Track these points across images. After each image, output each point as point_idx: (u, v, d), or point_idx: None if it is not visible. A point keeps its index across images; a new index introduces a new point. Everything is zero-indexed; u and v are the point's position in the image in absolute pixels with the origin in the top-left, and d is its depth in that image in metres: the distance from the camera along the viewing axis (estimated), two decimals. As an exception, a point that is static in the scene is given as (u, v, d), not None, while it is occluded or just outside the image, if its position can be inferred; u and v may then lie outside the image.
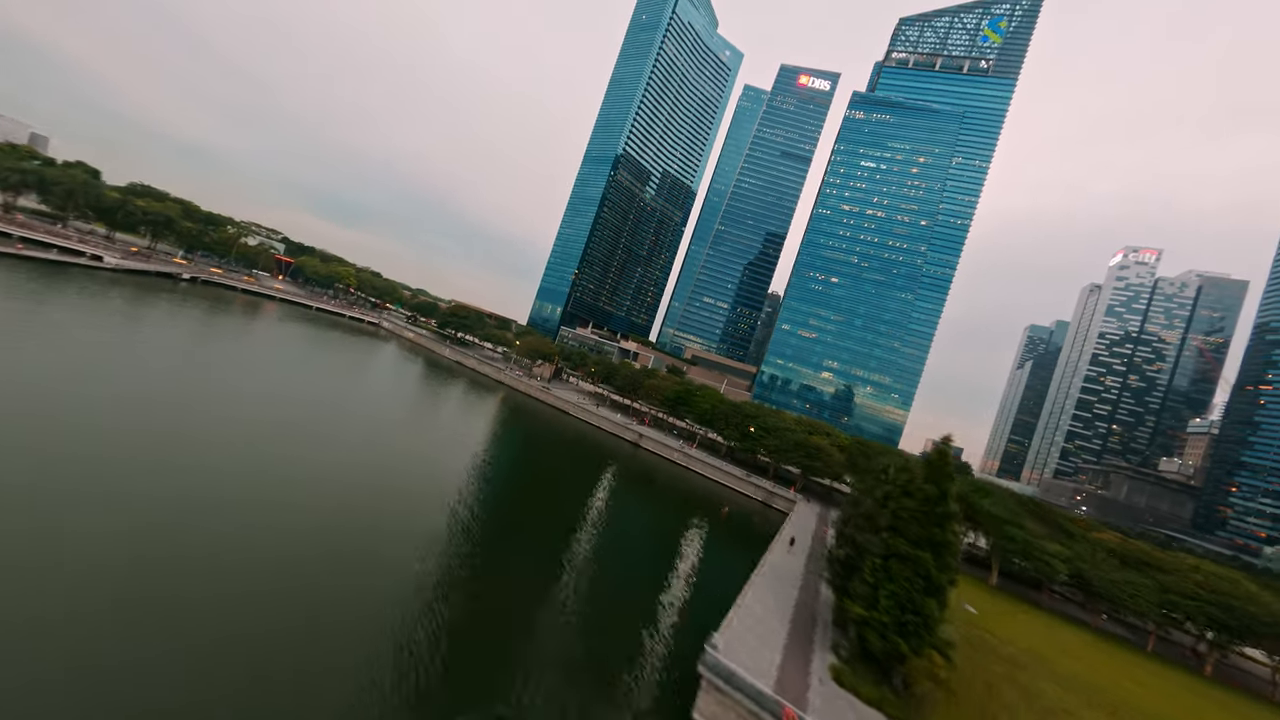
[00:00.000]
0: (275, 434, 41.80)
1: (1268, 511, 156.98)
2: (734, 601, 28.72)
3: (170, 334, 65.26)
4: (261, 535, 26.53)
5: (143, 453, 31.38)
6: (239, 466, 33.50)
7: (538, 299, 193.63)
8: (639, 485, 67.74)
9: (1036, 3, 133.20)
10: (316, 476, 36.11)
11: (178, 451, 32.84)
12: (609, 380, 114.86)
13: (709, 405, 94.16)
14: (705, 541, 52.20)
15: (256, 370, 60.48)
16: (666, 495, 65.93)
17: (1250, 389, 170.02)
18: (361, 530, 30.66)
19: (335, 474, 37.47)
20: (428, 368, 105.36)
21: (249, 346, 72.27)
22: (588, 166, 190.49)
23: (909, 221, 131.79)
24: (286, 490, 32.57)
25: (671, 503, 63.95)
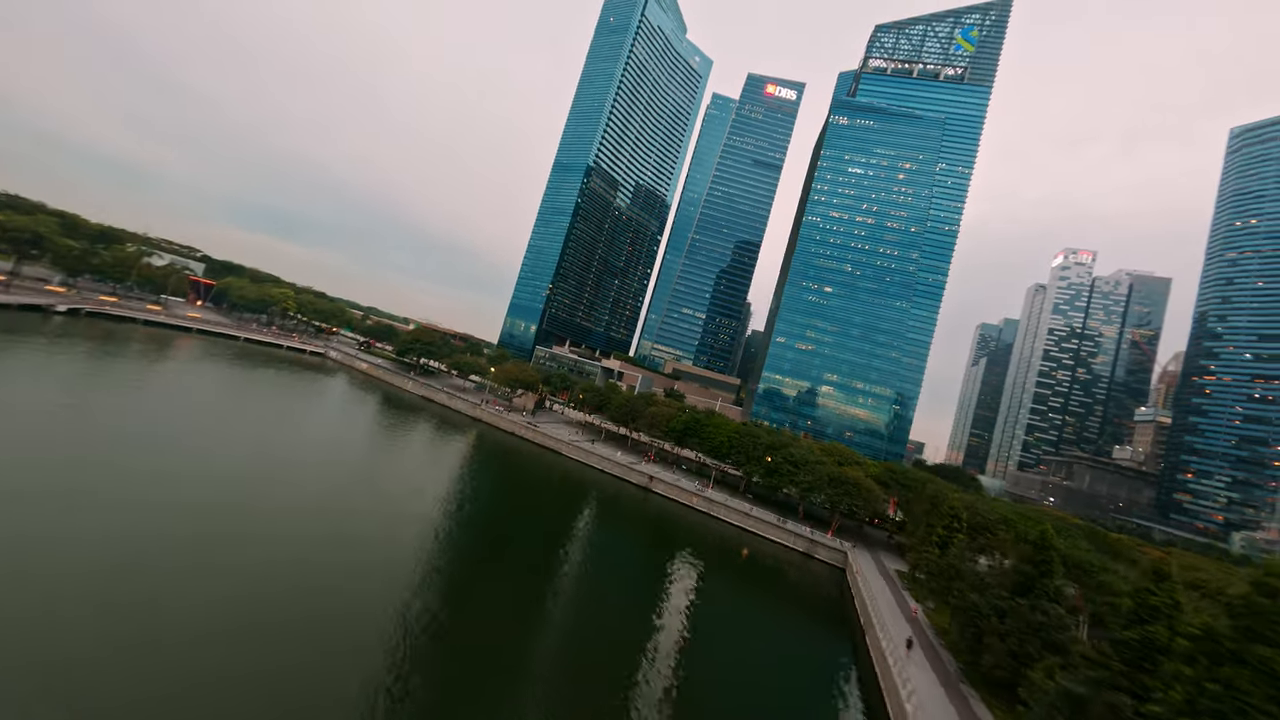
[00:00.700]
0: (158, 538, 27.13)
1: (1224, 496, 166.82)
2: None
3: (19, 391, 47.08)
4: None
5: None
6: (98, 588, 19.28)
7: (509, 316, 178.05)
8: (660, 545, 56.22)
9: (1004, 13, 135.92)
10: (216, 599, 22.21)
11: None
12: (602, 409, 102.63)
13: (724, 436, 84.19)
14: (753, 620, 41.50)
15: (147, 433, 43.97)
16: (694, 555, 54.78)
17: (1196, 379, 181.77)
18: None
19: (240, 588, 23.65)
20: (386, 407, 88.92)
21: (142, 401, 54.62)
22: (558, 175, 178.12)
23: (899, 228, 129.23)
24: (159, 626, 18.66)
25: (707, 566, 52.77)
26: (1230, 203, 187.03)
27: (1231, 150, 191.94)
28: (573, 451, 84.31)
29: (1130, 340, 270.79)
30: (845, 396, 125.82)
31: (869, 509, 69.72)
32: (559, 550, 46.49)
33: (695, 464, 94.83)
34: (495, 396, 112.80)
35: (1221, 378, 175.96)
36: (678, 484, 76.05)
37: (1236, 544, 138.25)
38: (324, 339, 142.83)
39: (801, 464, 74.94)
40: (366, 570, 31.72)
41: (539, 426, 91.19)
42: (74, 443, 39.18)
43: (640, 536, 59.53)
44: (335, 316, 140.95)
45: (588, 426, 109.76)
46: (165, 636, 21.24)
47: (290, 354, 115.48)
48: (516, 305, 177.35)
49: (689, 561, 53.40)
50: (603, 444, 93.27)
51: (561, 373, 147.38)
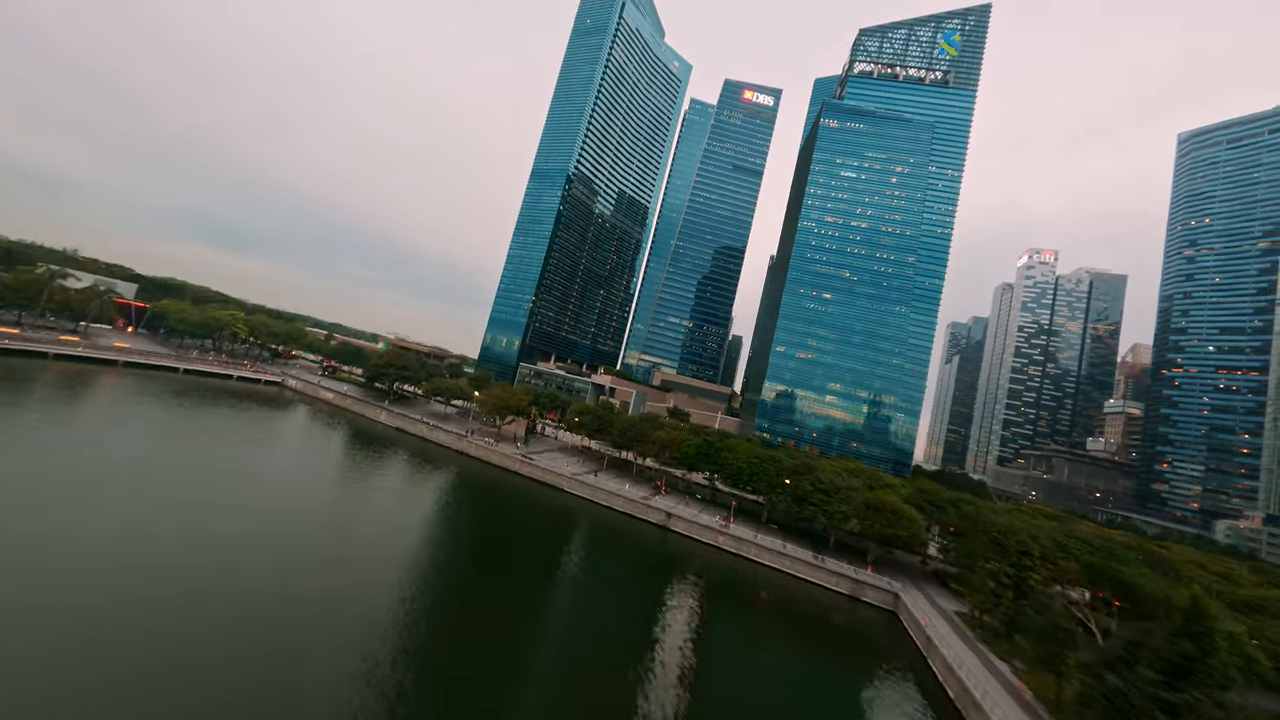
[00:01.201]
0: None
1: (1198, 485, 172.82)
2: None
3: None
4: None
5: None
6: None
7: (489, 330, 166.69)
8: (687, 595, 48.19)
9: (984, 18, 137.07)
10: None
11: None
12: (602, 432, 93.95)
13: (744, 463, 77.16)
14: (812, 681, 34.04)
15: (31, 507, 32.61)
16: (729, 607, 47.00)
17: (1165, 373, 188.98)
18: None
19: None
20: (357, 444, 77.57)
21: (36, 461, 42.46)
22: (537, 183, 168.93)
23: (895, 232, 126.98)
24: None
25: (745, 618, 45.02)
26: (1184, 203, 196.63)
27: (1181, 154, 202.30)
28: (576, 487, 75.26)
29: (1094, 335, 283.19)
30: (850, 406, 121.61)
31: (912, 539, 63.86)
32: (571, 611, 38.03)
33: (707, 488, 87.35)
34: (482, 424, 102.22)
35: (1188, 370, 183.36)
36: (698, 520, 68.23)
37: (1222, 533, 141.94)
38: (281, 365, 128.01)
39: (833, 491, 68.62)
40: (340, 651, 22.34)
41: (534, 459, 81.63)
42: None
43: (663, 587, 51.33)
44: (293, 339, 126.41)
45: (585, 452, 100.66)
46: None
47: (241, 385, 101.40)
48: (497, 319, 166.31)
49: (726, 615, 45.71)
50: (606, 474, 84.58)
51: (550, 391, 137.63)
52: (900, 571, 67.39)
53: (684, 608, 46.44)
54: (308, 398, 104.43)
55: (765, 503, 75.37)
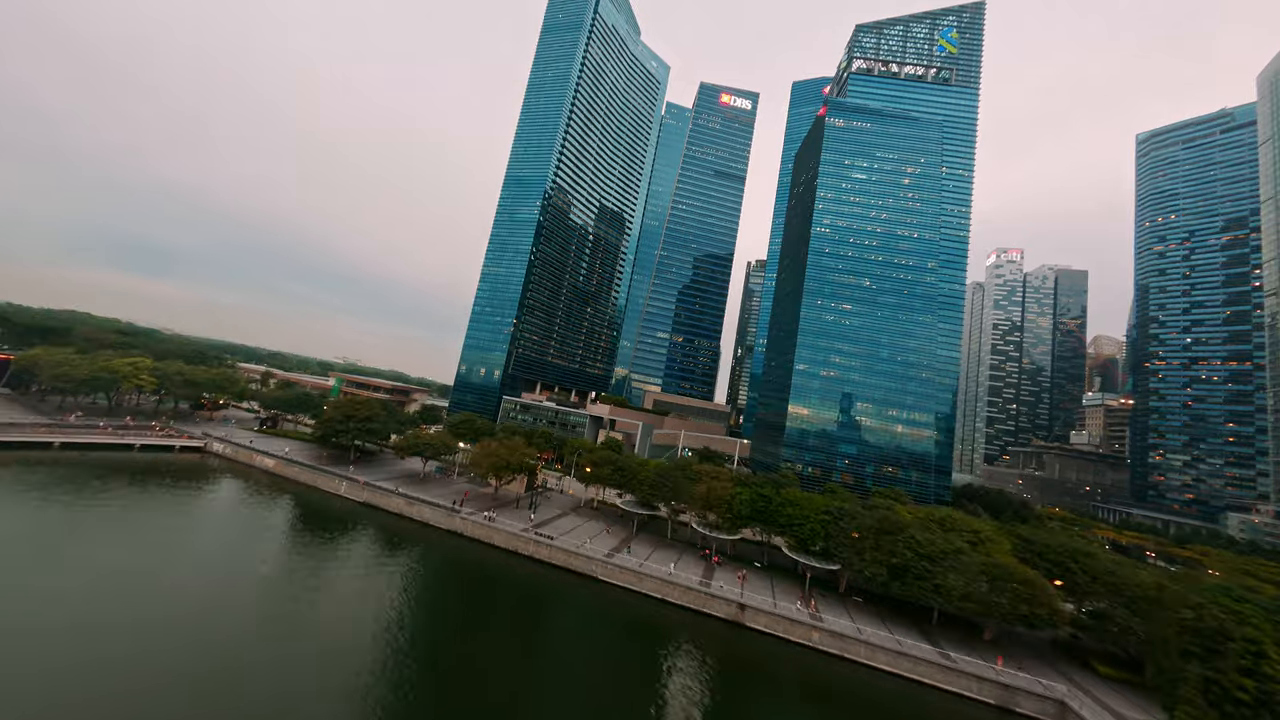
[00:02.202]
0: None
1: (1193, 476, 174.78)
2: None
3: None
4: None
5: None
6: None
7: (465, 359, 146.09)
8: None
9: (979, 15, 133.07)
10: None
11: None
12: (625, 485, 77.45)
13: (814, 521, 62.76)
14: None
15: None
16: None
17: (1148, 365, 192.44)
18: None
19: None
20: (306, 533, 57.56)
21: None
22: (513, 192, 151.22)
23: (914, 236, 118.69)
24: None
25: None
26: (1150, 201, 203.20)
27: (1141, 155, 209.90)
28: (614, 574, 58.29)
29: (1064, 329, 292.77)
30: (882, 427, 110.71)
31: (1053, 616, 51.05)
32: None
33: (759, 542, 72.20)
34: (469, 483, 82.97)
35: (1170, 362, 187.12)
36: (779, 612, 52.93)
37: (1236, 528, 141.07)
38: (206, 421, 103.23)
39: (937, 556, 55.25)
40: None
41: (553, 537, 63.95)
42: None
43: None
44: (221, 387, 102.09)
45: (600, 509, 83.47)
46: None
47: (146, 458, 77.70)
48: (474, 345, 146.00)
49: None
50: (639, 542, 68.01)
51: (543, 430, 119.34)
52: (1025, 649, 54.64)
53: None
54: (240, 466, 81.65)
55: (844, 570, 61.16)
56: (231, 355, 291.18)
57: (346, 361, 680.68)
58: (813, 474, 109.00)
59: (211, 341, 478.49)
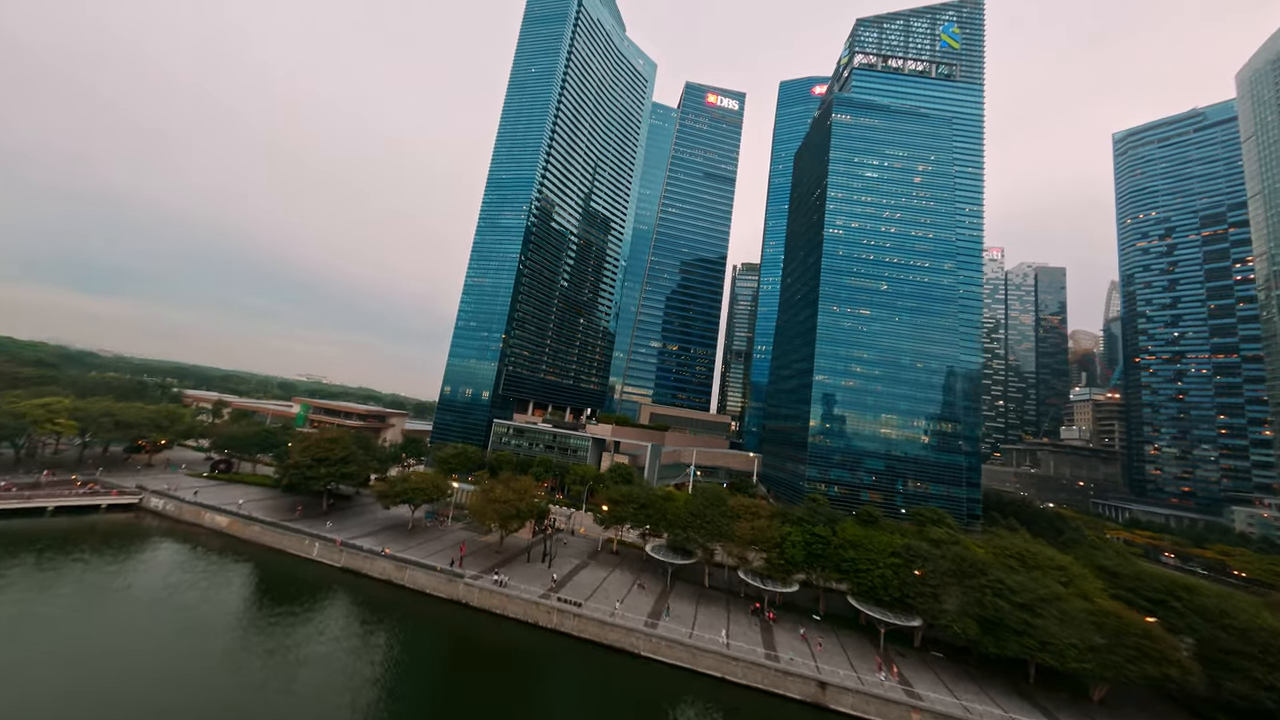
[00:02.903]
0: None
1: (1192, 469, 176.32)
2: None
3: None
4: None
5: None
6: None
7: (449, 379, 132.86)
8: None
9: (978, 10, 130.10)
10: None
11: None
12: (651, 524, 67.33)
13: (884, 565, 54.00)
14: None
15: None
16: None
17: (1139, 360, 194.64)
18: None
19: None
20: (266, 619, 44.83)
21: None
22: (496, 195, 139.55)
23: (929, 236, 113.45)
24: None
25: None
26: (1129, 198, 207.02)
27: (1118, 153, 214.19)
28: (661, 649, 47.91)
29: (1046, 325, 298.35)
30: (909, 440, 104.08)
31: (1177, 672, 43.47)
32: None
33: (807, 583, 62.87)
34: (470, 528, 71.03)
35: (1159, 356, 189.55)
36: (869, 690, 43.67)
37: (1243, 521, 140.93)
38: (145, 469, 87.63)
39: (1034, 604, 47.12)
40: None
41: (580, 603, 53.11)
42: None
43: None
44: (162, 427, 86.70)
45: (622, 556, 72.86)
46: None
47: (64, 522, 62.89)
48: (459, 365, 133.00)
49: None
50: (676, 597, 57.81)
51: (542, 457, 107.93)
52: (1136, 707, 47.00)
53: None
54: (184, 526, 67.42)
55: (926, 621, 52.49)
56: (180, 379, 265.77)
57: (311, 379, 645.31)
58: (839, 493, 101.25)
59: (159, 364, 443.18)
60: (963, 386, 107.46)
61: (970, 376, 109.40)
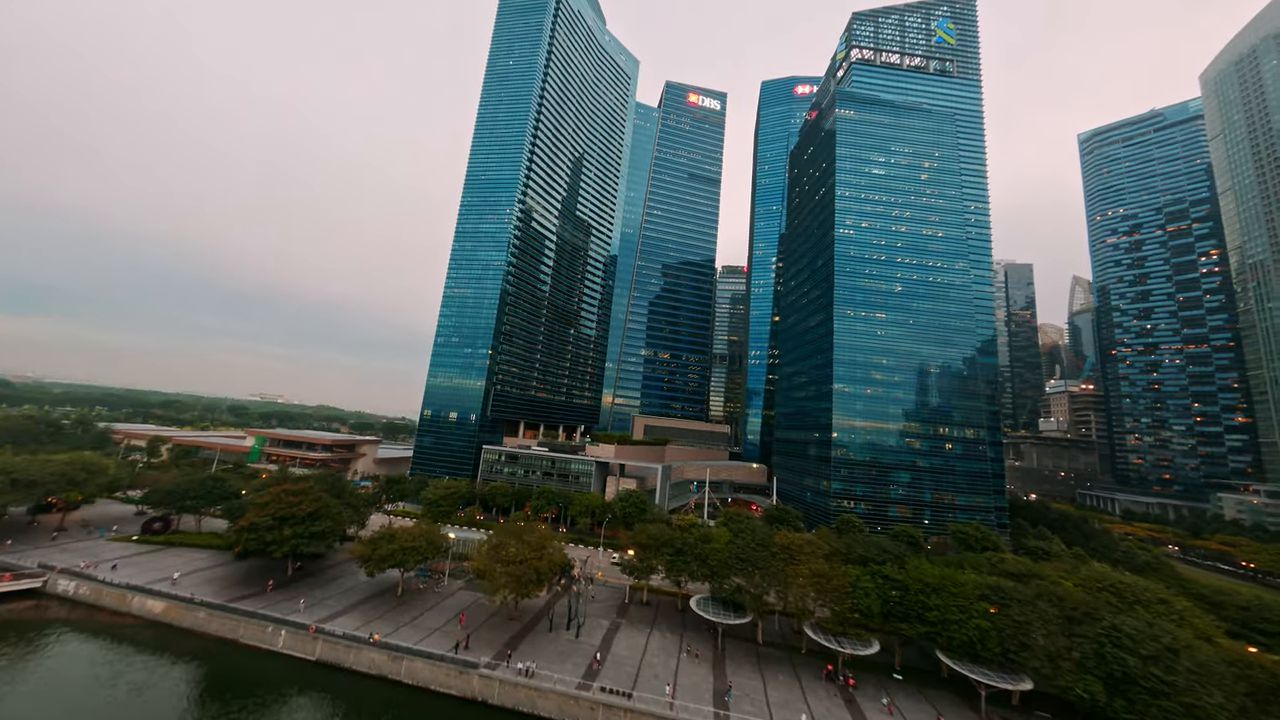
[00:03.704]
0: None
1: (1172, 458, 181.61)
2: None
3: None
4: None
5: None
6: None
7: (429, 401, 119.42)
8: None
9: (970, 5, 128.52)
10: None
11: None
12: (686, 568, 58.03)
13: (981, 622, 46.54)
14: None
15: None
16: None
17: (1114, 353, 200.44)
18: None
19: None
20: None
21: None
22: (477, 196, 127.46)
23: (940, 235, 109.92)
24: None
25: None
26: (1097, 196, 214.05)
27: (1085, 152, 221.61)
28: (735, 749, 38.43)
29: (1018, 320, 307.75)
30: (933, 449, 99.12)
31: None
32: None
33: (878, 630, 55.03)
34: (469, 586, 59.52)
35: (1134, 348, 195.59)
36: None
37: (1233, 509, 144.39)
38: (57, 528, 71.30)
39: (1163, 656, 40.55)
40: None
41: (629, 693, 43.08)
42: None
43: None
44: (79, 478, 70.66)
45: (656, 600, 63.09)
46: None
47: (-73, 628, 47.58)
48: (440, 383, 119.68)
49: None
50: (729, 656, 48.62)
51: (544, 489, 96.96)
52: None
53: None
54: (105, 615, 53.06)
55: (1034, 680, 45.28)
56: (112, 409, 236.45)
57: (265, 399, 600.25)
58: (866, 510, 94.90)
59: (89, 390, 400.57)
60: (983, 389, 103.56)
61: (989, 379, 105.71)
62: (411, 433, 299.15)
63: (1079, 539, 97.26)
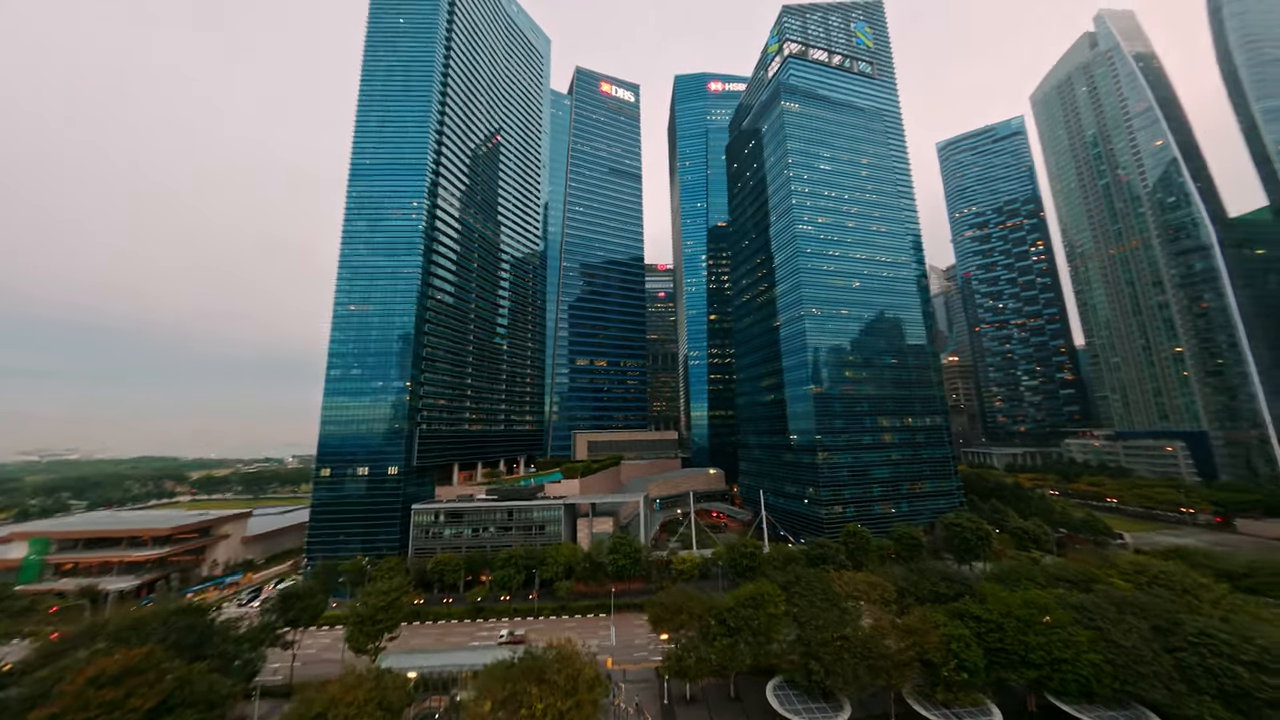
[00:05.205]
0: None
1: (1023, 415, 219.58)
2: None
3: None
4: None
5: None
6: None
7: (325, 455, 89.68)
8: None
9: (879, 11, 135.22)
10: None
11: None
12: (732, 656, 46.67)
13: (1088, 652, 42.44)
14: None
15: None
16: None
17: (978, 330, 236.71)
18: None
19: None
20: None
21: None
22: (367, 184, 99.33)
23: (884, 231, 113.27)
24: None
25: None
26: (955, 195, 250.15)
27: (943, 159, 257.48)
28: None
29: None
30: (902, 442, 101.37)
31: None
32: None
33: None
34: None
35: (993, 325, 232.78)
36: None
37: (1077, 451, 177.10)
38: None
39: (1264, 662, 39.79)
40: None
41: None
42: None
43: None
44: None
45: (709, 697, 50.25)
46: None
47: None
48: (340, 432, 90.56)
49: None
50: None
51: (509, 553, 77.95)
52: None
53: None
54: None
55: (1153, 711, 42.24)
56: None
57: (46, 457, 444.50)
58: (854, 513, 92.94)
59: None
60: (934, 377, 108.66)
61: (937, 367, 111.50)
62: (294, 481, 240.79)
63: (1014, 503, 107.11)
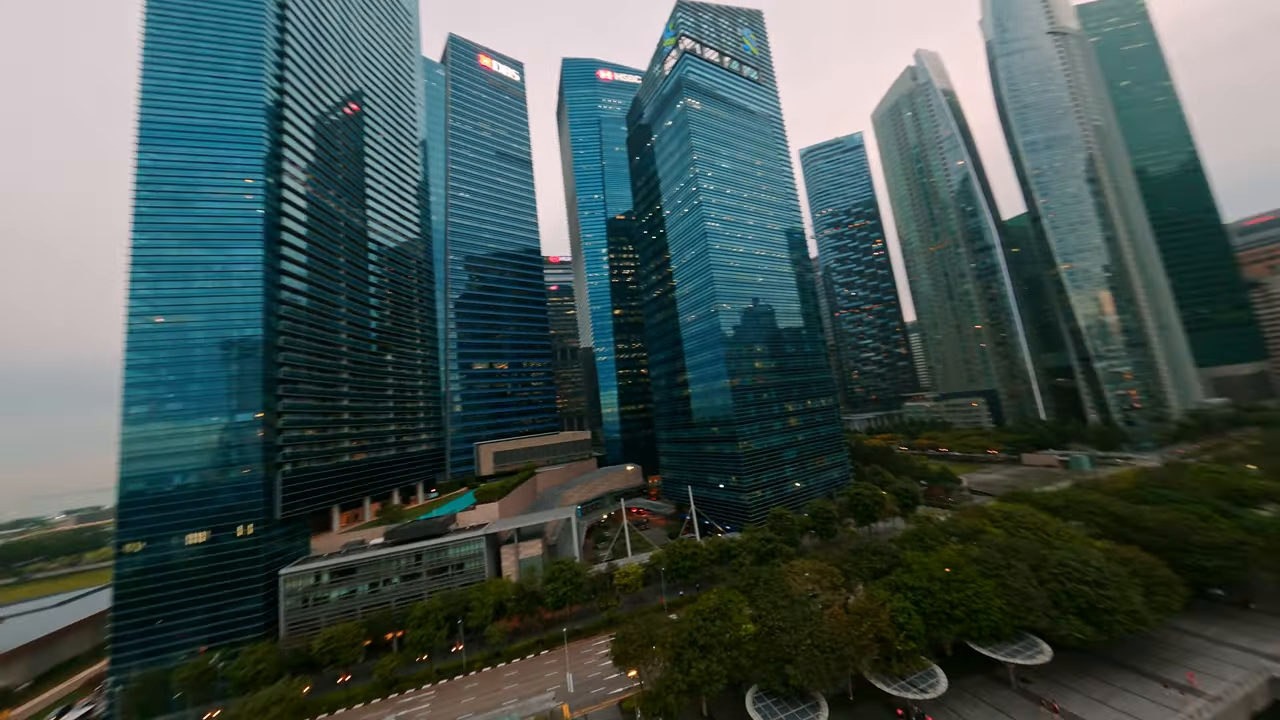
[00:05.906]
0: None
1: (876, 385, 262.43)
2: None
3: None
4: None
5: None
6: None
7: (128, 526, 65.05)
8: None
9: (759, 21, 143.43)
10: None
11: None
12: (708, 676, 45.70)
13: (998, 598, 49.92)
14: None
15: None
16: None
17: (838, 315, 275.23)
18: None
19: None
20: None
21: None
22: (169, 152, 73.18)
23: (776, 229, 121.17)
24: None
25: None
26: (816, 198, 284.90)
27: (805, 164, 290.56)
28: None
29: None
30: (808, 424, 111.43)
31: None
32: None
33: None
34: None
35: (849, 310, 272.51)
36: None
37: (911, 411, 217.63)
38: None
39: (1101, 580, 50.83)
40: None
41: None
42: None
43: None
44: None
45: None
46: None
47: None
48: (144, 492, 66.42)
49: None
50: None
51: (425, 607, 66.32)
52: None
53: None
54: None
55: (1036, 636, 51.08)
56: None
57: None
58: (773, 496, 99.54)
59: None
60: (824, 362, 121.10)
61: (826, 353, 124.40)
62: (72, 550, 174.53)
63: (886, 464, 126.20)
